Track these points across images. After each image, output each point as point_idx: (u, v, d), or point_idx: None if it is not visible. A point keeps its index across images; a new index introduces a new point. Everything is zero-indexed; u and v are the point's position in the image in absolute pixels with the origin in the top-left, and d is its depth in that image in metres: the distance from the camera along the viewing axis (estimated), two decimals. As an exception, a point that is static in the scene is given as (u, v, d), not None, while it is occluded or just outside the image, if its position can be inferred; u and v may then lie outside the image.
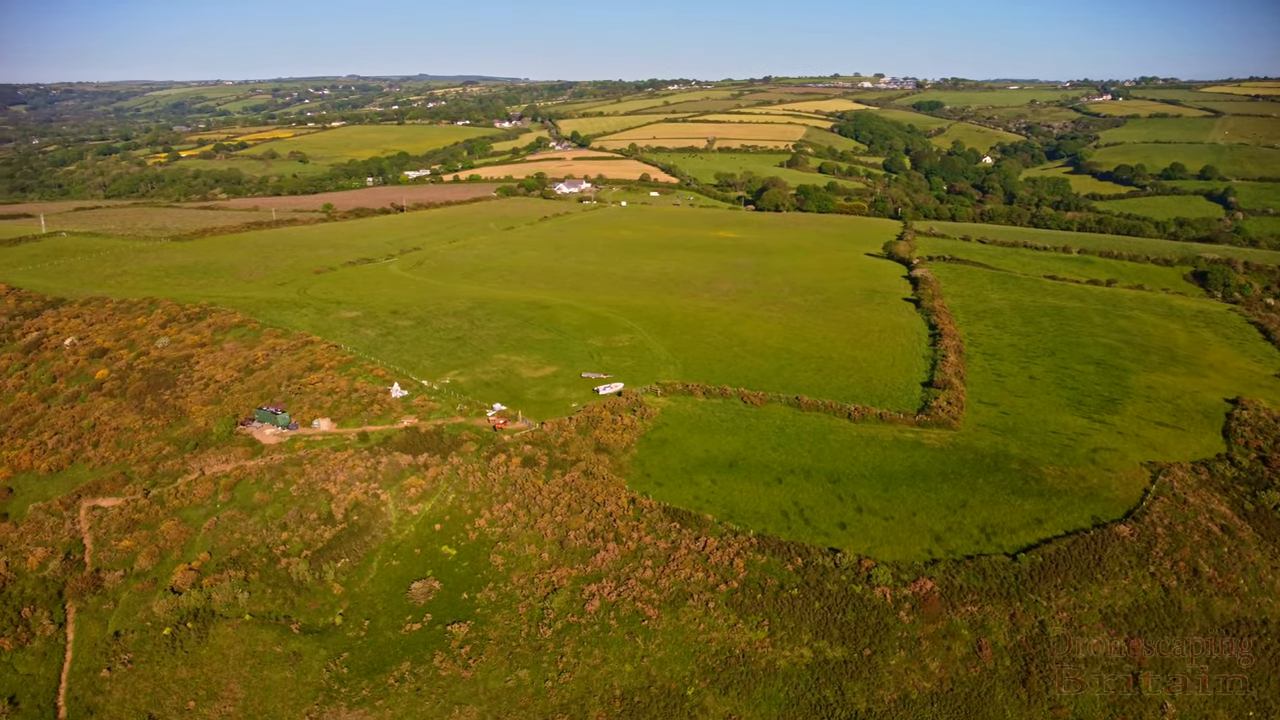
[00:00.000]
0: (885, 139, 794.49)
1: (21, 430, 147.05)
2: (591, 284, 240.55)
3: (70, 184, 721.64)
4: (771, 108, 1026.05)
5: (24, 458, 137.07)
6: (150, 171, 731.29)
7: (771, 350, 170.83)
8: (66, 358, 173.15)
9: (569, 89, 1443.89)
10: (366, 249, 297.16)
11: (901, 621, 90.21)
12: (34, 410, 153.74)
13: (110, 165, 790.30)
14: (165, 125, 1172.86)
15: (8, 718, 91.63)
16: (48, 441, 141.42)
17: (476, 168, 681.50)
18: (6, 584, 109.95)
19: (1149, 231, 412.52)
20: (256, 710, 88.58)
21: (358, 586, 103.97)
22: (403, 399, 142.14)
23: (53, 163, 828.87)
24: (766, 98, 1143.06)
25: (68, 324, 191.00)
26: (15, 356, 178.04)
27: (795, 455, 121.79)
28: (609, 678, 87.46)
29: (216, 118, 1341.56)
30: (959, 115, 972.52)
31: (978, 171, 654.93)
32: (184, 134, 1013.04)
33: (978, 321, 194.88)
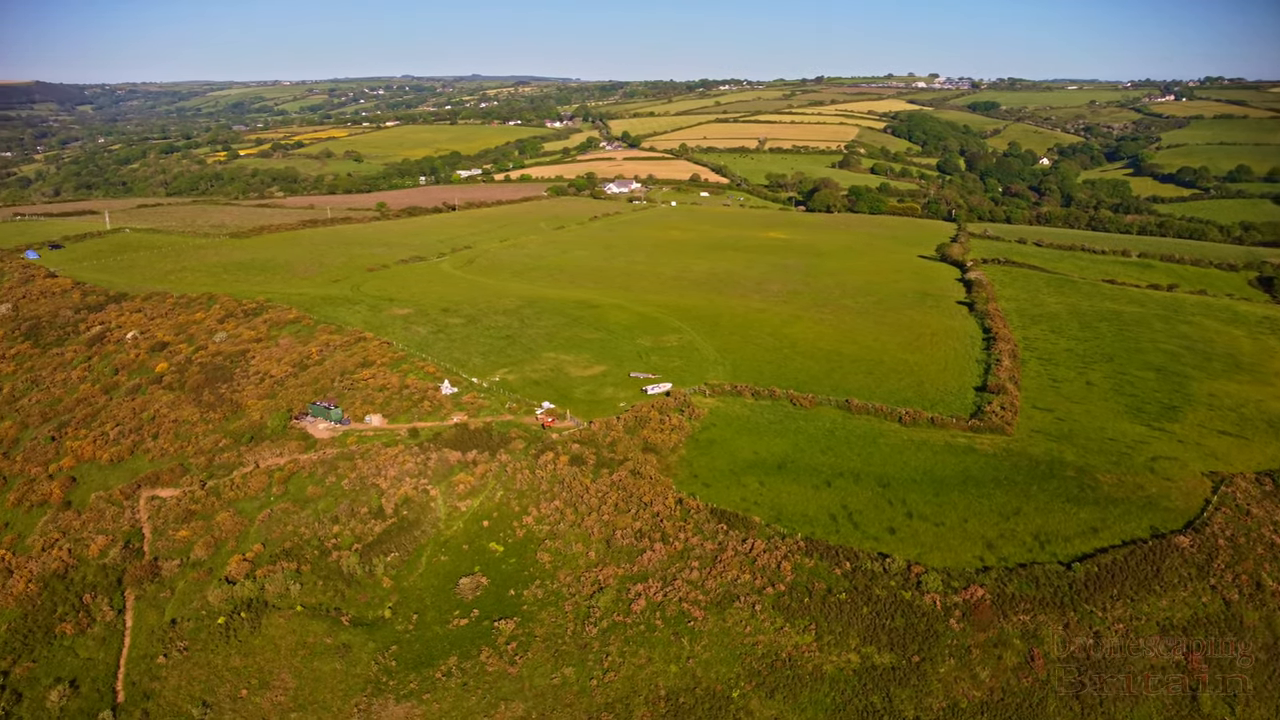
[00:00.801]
0: (939, 140, 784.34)
1: (85, 421, 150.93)
2: (641, 284, 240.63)
3: (134, 182, 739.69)
4: (824, 108, 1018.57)
5: (87, 448, 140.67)
6: (210, 170, 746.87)
7: (822, 352, 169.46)
8: (128, 351, 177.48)
9: (620, 89, 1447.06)
10: (419, 247, 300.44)
11: (951, 629, 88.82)
12: (97, 402, 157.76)
13: (172, 163, 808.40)
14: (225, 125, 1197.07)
15: (69, 700, 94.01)
16: (109, 432, 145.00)
17: (527, 167, 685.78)
18: (69, 570, 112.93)
19: (1212, 235, 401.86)
20: (307, 700, 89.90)
21: (407, 581, 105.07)
22: (452, 396, 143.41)
23: (117, 161, 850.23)
24: (819, 98, 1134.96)
25: (130, 318, 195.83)
26: (80, 349, 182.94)
27: (845, 458, 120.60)
28: (654, 678, 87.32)
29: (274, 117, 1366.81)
30: (1015, 116, 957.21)
31: (1034, 173, 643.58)
32: (243, 133, 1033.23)
33: (1033, 326, 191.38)
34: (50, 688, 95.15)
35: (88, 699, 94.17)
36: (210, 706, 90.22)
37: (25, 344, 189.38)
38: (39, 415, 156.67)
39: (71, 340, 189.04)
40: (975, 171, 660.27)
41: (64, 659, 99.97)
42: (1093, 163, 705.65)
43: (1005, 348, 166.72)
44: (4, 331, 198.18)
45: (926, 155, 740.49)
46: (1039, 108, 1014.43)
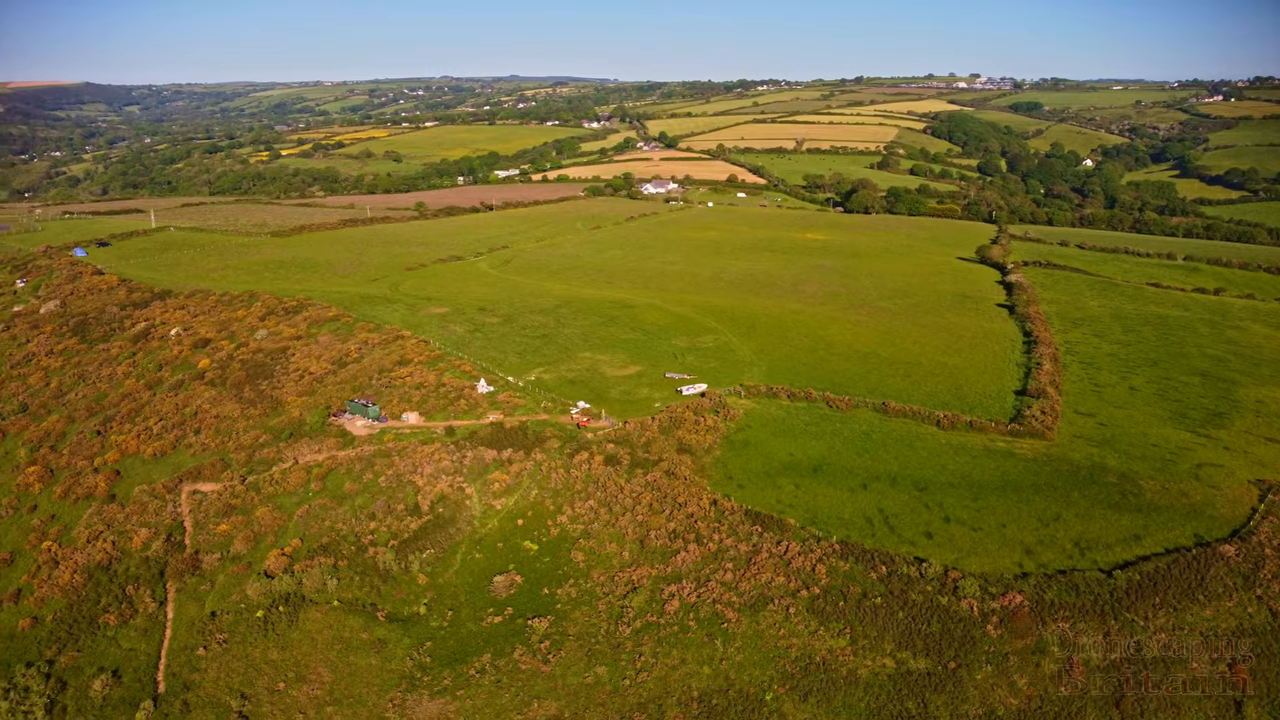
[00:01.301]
0: (980, 141, 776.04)
1: (129, 416, 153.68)
2: (677, 284, 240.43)
3: (178, 181, 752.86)
4: (862, 108, 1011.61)
5: (131, 442, 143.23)
6: (252, 169, 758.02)
7: (858, 354, 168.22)
8: (172, 347, 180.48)
9: (658, 89, 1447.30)
10: (456, 246, 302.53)
11: (988, 635, 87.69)
12: (141, 397, 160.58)
13: (215, 163, 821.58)
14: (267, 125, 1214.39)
15: (111, 689, 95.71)
16: (153, 427, 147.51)
17: (565, 167, 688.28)
18: (113, 562, 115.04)
19: (1261, 238, 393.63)
20: (343, 695, 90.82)
21: (441, 578, 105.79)
22: (488, 395, 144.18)
23: (163, 160, 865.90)
24: (858, 98, 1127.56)
25: (174, 315, 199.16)
26: (125, 345, 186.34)
27: (881, 461, 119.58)
28: (687, 679, 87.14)
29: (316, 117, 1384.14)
30: (1058, 116, 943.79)
31: (1077, 175, 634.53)
32: (285, 133, 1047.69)
33: (1075, 329, 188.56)
34: (94, 677, 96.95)
35: (130, 689, 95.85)
36: (248, 698, 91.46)
37: (73, 339, 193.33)
38: (85, 410, 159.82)
39: (117, 336, 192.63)
40: (1017, 173, 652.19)
41: (107, 649, 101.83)
42: (1137, 164, 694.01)
43: (1046, 351, 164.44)
44: (52, 327, 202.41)
45: (967, 156, 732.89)
46: (1083, 108, 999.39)
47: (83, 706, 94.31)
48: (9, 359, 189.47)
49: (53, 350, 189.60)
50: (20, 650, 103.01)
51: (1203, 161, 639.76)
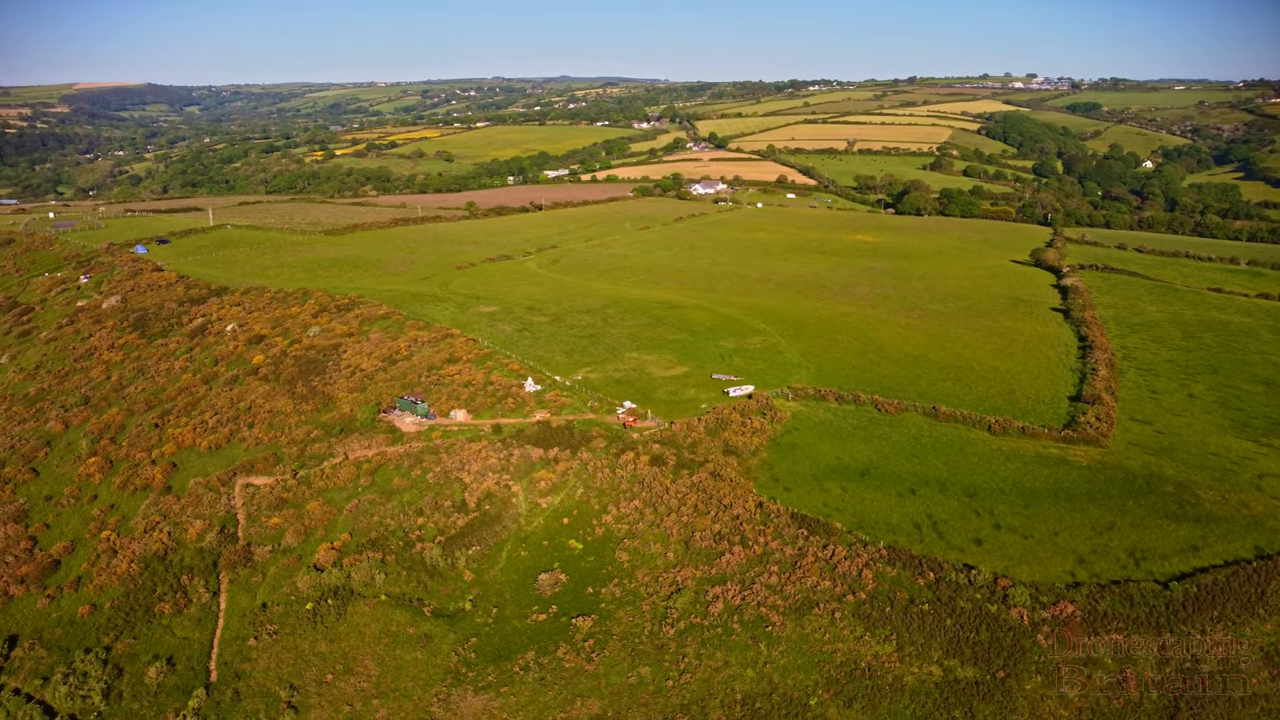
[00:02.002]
0: (1036, 142, 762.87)
1: (186, 410, 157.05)
2: (725, 285, 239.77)
3: (236, 180, 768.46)
4: (915, 109, 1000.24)
5: (187, 435, 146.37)
6: (307, 169, 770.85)
7: (909, 357, 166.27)
8: (227, 343, 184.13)
9: (708, 90, 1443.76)
10: (505, 246, 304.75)
11: (1039, 645, 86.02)
12: (197, 391, 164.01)
13: (272, 162, 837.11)
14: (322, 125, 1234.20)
15: (165, 677, 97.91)
16: (208, 421, 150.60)
17: (614, 168, 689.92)
18: (169, 553, 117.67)
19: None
20: (389, 688, 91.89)
21: (487, 574, 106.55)
22: (535, 394, 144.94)
23: (221, 160, 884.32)
24: (910, 98, 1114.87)
25: (229, 311, 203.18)
26: (182, 340, 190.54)
27: (930, 466, 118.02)
28: (730, 681, 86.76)
29: (369, 118, 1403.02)
30: (1117, 117, 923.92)
31: (1136, 176, 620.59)
32: (339, 133, 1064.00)
33: (1132, 335, 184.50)
34: (149, 664, 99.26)
35: (183, 676, 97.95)
36: (297, 689, 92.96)
37: (133, 334, 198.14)
38: (144, 403, 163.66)
39: (175, 332, 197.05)
40: (1073, 174, 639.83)
41: (162, 637, 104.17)
42: (1200, 166, 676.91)
43: (1102, 357, 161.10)
44: (114, 322, 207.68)
45: (1022, 157, 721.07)
46: (1143, 109, 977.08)
47: (138, 692, 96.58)
48: (72, 352, 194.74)
49: (114, 344, 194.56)
50: (79, 636, 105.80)
51: (1269, 164, 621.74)
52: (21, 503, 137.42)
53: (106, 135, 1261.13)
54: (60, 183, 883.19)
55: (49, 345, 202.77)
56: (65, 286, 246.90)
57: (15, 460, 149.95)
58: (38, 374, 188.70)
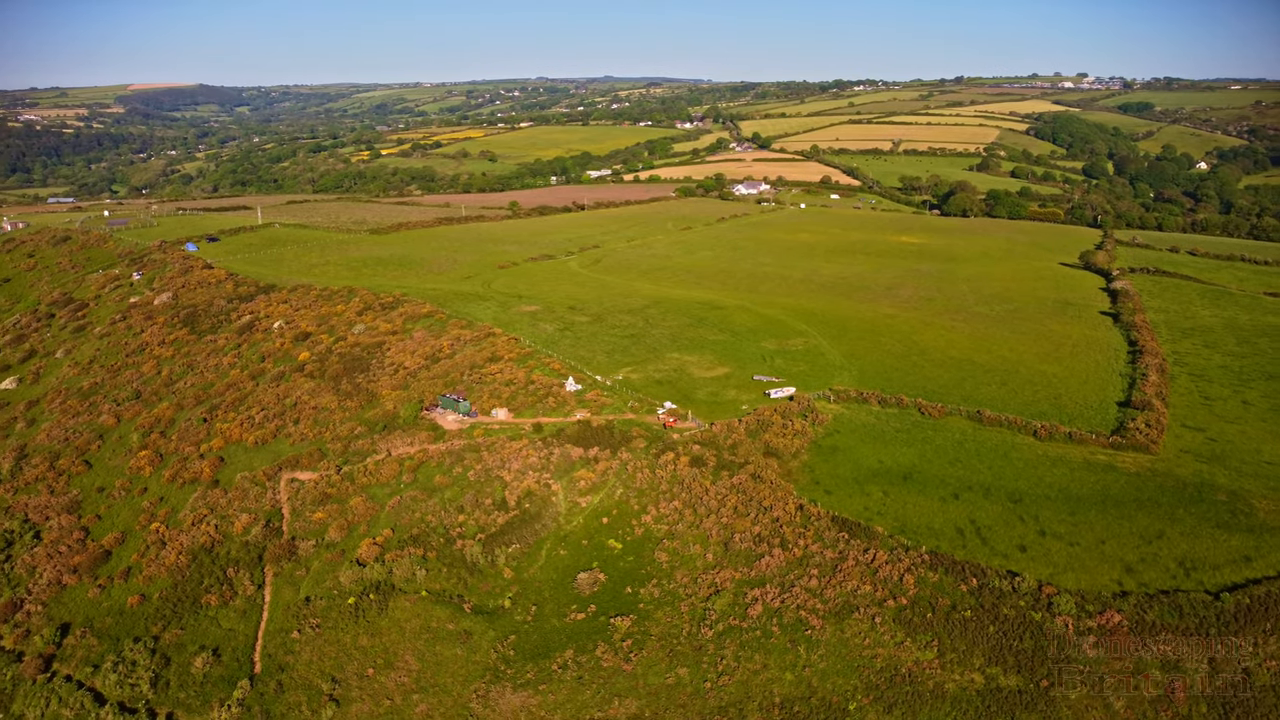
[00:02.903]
0: (1086, 142, 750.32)
1: (234, 405, 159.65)
2: (767, 286, 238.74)
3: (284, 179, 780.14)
4: (962, 109, 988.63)
5: (235, 430, 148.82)
6: (354, 168, 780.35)
7: (953, 361, 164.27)
8: (274, 340, 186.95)
9: (752, 90, 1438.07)
10: (548, 246, 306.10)
11: (1084, 654, 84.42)
12: (245, 387, 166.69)
13: (319, 162, 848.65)
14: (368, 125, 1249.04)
15: (211, 667, 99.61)
16: (255, 416, 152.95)
17: (656, 168, 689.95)
18: (215, 545, 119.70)
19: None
20: (429, 683, 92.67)
21: (527, 572, 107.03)
22: (576, 393, 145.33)
23: (269, 159, 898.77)
24: (957, 99, 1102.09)
25: (276, 308, 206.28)
26: (231, 337, 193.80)
27: (974, 471, 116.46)
28: (769, 684, 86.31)
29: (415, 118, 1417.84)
30: (1171, 117, 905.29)
31: (1190, 178, 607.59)
32: (385, 133, 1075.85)
33: (1184, 339, 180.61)
34: (195, 654, 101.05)
35: (228, 667, 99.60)
36: (339, 682, 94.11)
37: (183, 330, 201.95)
38: (193, 398, 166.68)
39: (224, 328, 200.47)
40: (1124, 176, 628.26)
41: (208, 628, 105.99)
42: (1256, 167, 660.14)
43: (1152, 362, 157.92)
44: (165, 318, 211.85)
45: (1071, 158, 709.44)
46: (1197, 109, 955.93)
47: (184, 682, 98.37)
48: (125, 348, 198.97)
49: (164, 340, 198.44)
50: (129, 625, 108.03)
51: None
52: (75, 494, 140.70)
53: (159, 135, 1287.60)
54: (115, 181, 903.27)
55: (102, 340, 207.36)
56: (119, 283, 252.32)
57: (69, 452, 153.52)
58: (91, 368, 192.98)
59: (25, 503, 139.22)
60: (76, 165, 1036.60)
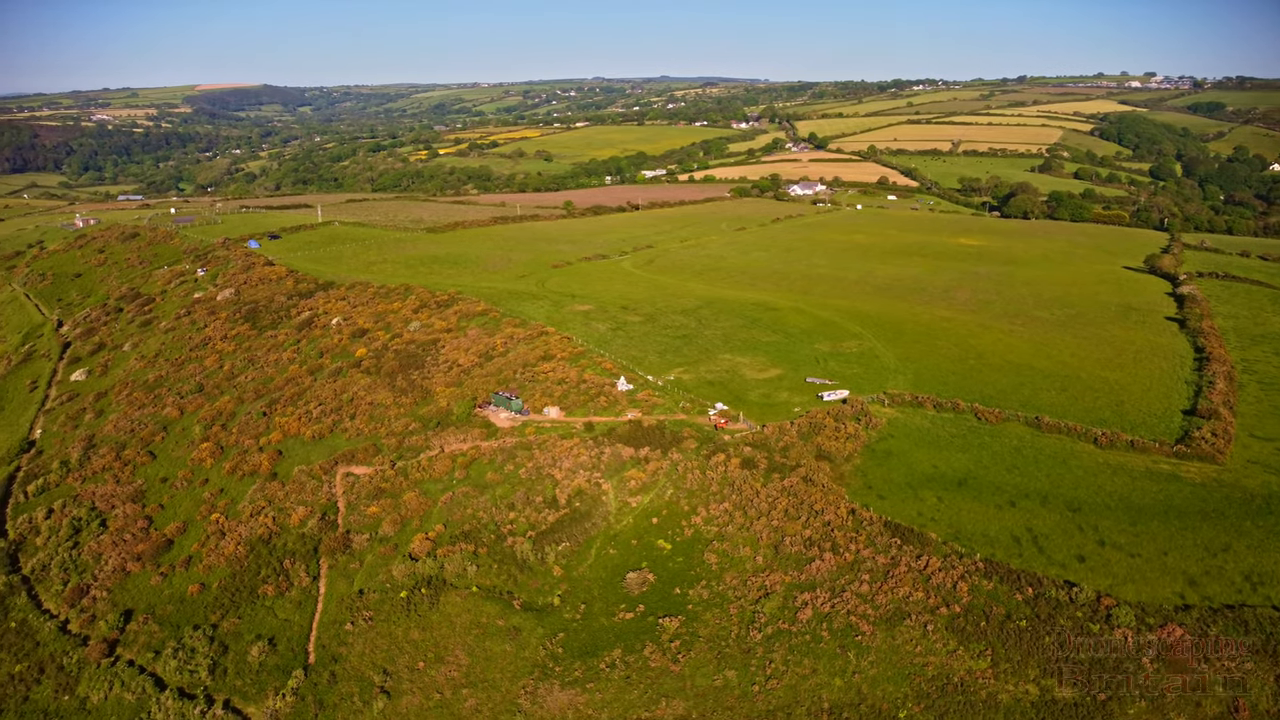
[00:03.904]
0: (1153, 143, 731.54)
1: (292, 399, 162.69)
2: (821, 287, 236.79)
3: (344, 177, 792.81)
4: (1024, 109, 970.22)
5: (293, 424, 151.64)
6: (412, 168, 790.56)
7: (1011, 365, 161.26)
8: (332, 336, 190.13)
9: (809, 90, 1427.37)
10: (601, 245, 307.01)
11: (1143, 668, 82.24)
12: (303, 382, 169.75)
13: (378, 161, 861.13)
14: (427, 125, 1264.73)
15: (267, 656, 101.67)
16: (313, 411, 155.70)
17: (711, 168, 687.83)
18: (273, 536, 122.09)
19: None
20: (478, 678, 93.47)
21: (576, 571, 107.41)
22: (628, 393, 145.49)
23: (330, 158, 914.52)
24: (1019, 98, 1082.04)
25: (335, 305, 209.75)
26: (291, 333, 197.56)
27: (1032, 478, 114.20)
28: (817, 689, 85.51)
29: (472, 118, 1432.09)
30: (1243, 118, 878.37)
31: (1263, 180, 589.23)
32: (443, 133, 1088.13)
33: (1254, 347, 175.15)
34: (252, 643, 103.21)
35: (283, 657, 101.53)
36: (390, 675, 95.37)
37: (244, 325, 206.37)
38: (253, 392, 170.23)
39: (284, 324, 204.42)
40: (1193, 178, 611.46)
41: (264, 618, 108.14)
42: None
43: (1220, 369, 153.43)
44: (227, 314, 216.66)
45: (1138, 160, 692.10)
46: (1271, 108, 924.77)
47: (241, 670, 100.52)
48: (189, 342, 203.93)
49: (227, 335, 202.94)
50: (189, 614, 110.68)
51: None
52: (140, 484, 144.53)
53: (225, 134, 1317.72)
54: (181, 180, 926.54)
55: (167, 335, 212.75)
56: (183, 279, 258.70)
57: (135, 443, 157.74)
58: (157, 362, 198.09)
59: (93, 491, 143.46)
60: (145, 164, 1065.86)
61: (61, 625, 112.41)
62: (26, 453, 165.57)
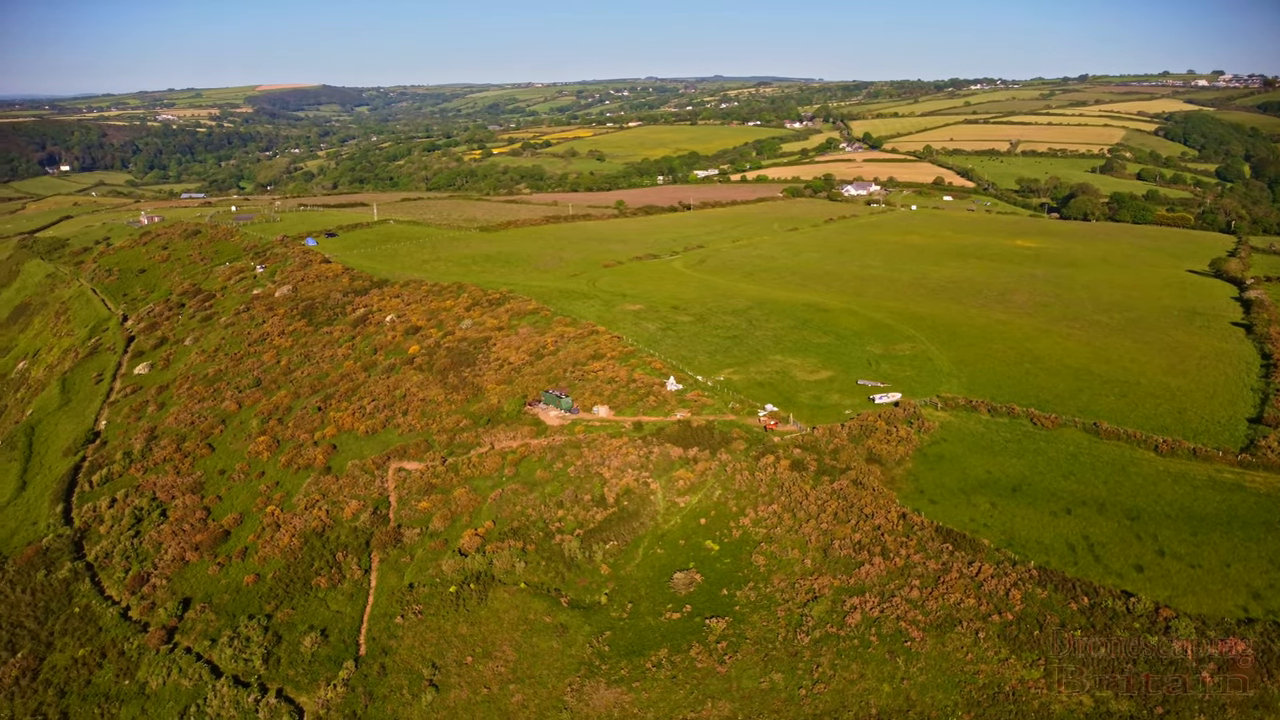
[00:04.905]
0: (1220, 143, 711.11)
1: (346, 395, 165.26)
2: (874, 289, 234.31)
3: (399, 177, 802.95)
4: (1086, 109, 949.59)
5: (347, 419, 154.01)
6: (466, 167, 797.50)
7: (1069, 370, 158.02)
8: (386, 333, 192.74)
9: (864, 89, 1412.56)
10: (652, 245, 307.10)
11: (1203, 683, 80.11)
12: (357, 378, 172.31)
13: (432, 160, 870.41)
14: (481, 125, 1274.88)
15: (319, 647, 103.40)
16: (366, 407, 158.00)
17: (764, 168, 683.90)
18: (326, 529, 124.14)
19: None
20: (525, 674, 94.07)
21: (623, 570, 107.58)
22: (677, 393, 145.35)
23: (386, 158, 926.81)
24: (1081, 98, 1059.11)
25: (389, 303, 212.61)
26: (346, 329, 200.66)
27: (1089, 485, 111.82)
28: (865, 695, 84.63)
29: (526, 118, 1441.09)
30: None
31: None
32: (496, 133, 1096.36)
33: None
34: (305, 634, 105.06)
35: (335, 648, 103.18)
36: (439, 668, 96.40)
37: (301, 322, 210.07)
38: (309, 387, 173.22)
39: (339, 320, 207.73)
40: (1262, 179, 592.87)
41: (317, 609, 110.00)
42: None
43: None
44: (284, 310, 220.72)
45: (1204, 160, 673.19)
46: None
47: (294, 660, 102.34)
48: (247, 337, 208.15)
49: (284, 331, 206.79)
50: (244, 603, 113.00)
51: None
52: (199, 475, 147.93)
53: (284, 134, 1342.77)
54: (242, 178, 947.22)
55: (227, 330, 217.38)
56: (243, 275, 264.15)
57: (195, 436, 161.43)
58: (216, 356, 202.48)
59: (154, 482, 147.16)
60: (208, 162, 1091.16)
61: (123, 612, 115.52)
62: (92, 443, 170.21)
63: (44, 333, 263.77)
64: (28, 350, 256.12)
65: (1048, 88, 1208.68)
